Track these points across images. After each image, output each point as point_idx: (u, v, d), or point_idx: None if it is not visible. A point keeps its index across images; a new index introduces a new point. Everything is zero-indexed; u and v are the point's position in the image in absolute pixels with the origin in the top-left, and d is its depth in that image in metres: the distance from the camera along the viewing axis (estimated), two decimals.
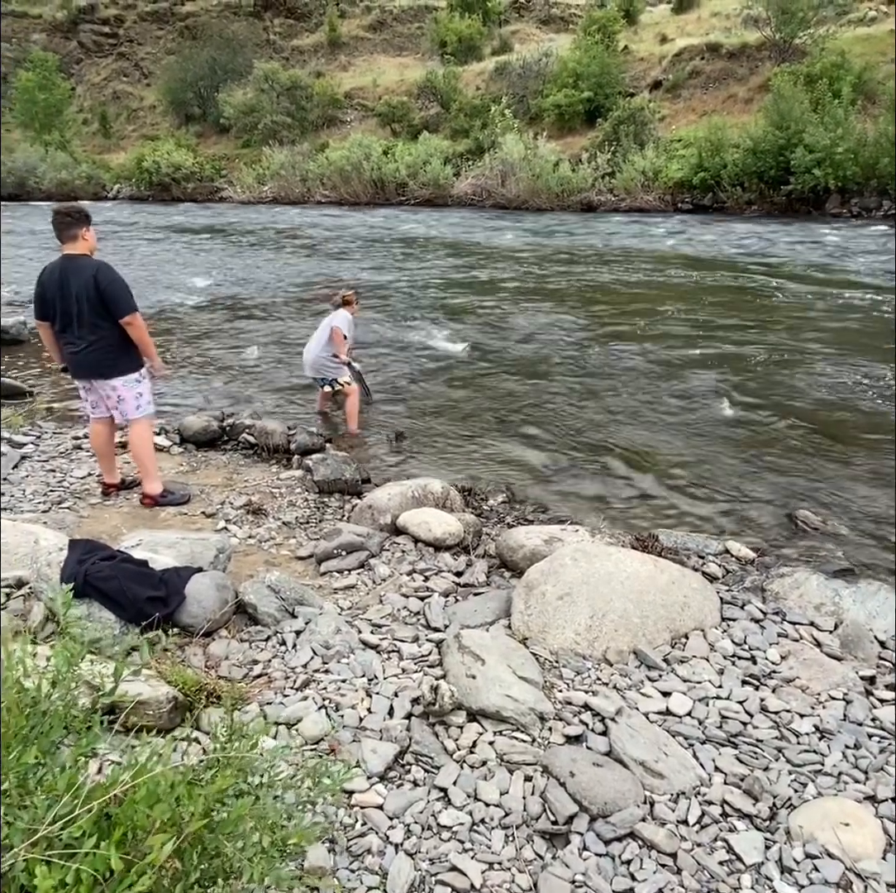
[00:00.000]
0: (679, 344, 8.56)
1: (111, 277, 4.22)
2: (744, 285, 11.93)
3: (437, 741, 2.43)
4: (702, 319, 9.72)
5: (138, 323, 4.31)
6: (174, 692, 2.42)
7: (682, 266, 13.80)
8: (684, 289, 11.79)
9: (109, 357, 4.35)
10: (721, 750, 2.51)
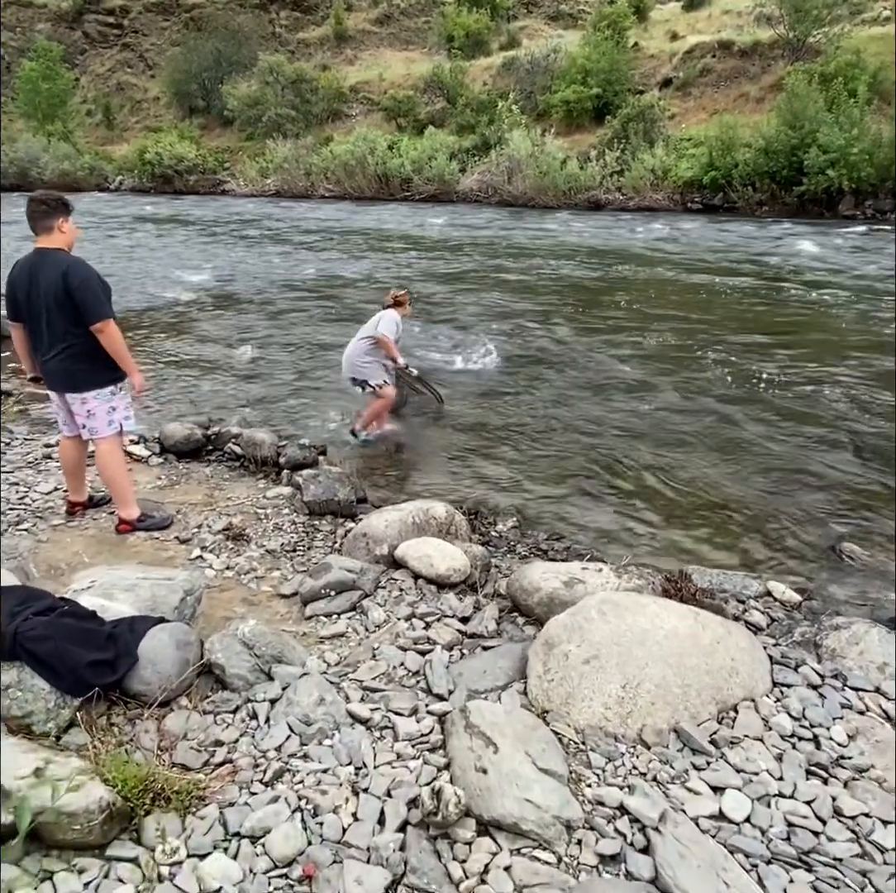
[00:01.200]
0: (701, 359, 8.05)
1: (83, 277, 3.68)
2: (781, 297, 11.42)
3: (440, 864, 1.93)
4: (732, 337, 9.21)
5: (111, 331, 3.76)
6: (111, 796, 1.92)
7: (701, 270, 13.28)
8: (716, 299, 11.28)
9: (82, 367, 3.83)
10: (792, 874, 2.01)
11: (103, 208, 27.04)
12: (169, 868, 1.88)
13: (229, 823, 2.02)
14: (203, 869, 1.86)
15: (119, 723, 2.39)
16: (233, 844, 1.96)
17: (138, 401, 6.37)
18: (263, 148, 33.83)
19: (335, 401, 6.69)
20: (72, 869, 1.84)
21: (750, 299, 10.69)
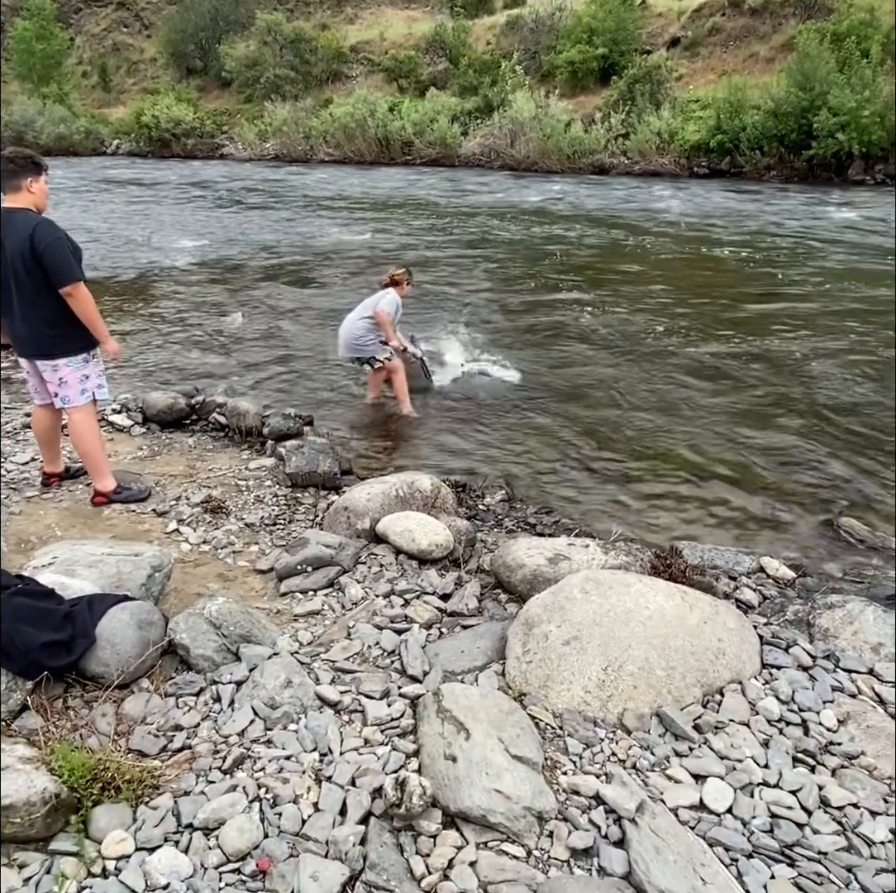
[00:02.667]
0: (704, 330, 7.85)
1: (51, 237, 3.49)
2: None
3: (402, 858, 1.83)
4: (729, 310, 8.99)
5: (81, 295, 3.58)
6: (56, 787, 1.83)
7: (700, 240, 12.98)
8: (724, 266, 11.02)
9: (52, 333, 3.66)
10: (774, 869, 1.91)
11: (99, 172, 26.58)
12: (115, 862, 1.78)
13: (183, 814, 1.92)
14: (151, 864, 1.77)
15: (75, 706, 2.30)
16: (185, 836, 1.86)
17: (116, 367, 6.24)
18: (262, 110, 33.14)
19: (324, 370, 6.54)
20: (11, 865, 1.75)
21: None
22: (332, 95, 33.25)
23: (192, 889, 1.73)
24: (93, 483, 3.96)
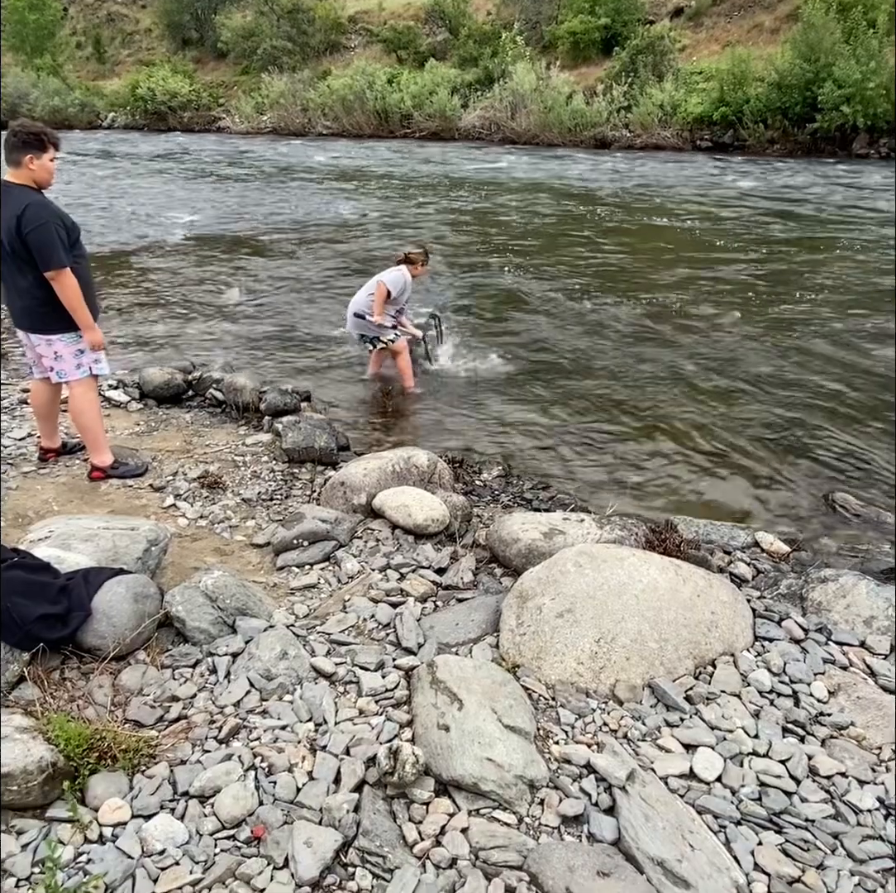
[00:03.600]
0: (704, 302, 7.80)
1: (38, 221, 3.43)
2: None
3: (395, 825, 1.86)
4: (732, 276, 8.92)
5: (63, 281, 3.52)
6: (52, 756, 1.85)
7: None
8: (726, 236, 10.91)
9: (45, 310, 3.63)
10: (762, 836, 1.94)
11: (95, 145, 26.26)
12: (112, 828, 1.81)
13: (179, 782, 1.95)
14: (147, 830, 1.80)
15: (72, 678, 2.32)
16: (180, 804, 1.89)
17: (113, 342, 6.22)
18: (259, 83, 32.62)
19: (322, 345, 6.52)
20: (9, 831, 1.77)
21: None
22: (329, 67, 32.71)
23: (187, 854, 1.76)
24: (90, 458, 3.96)
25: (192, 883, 1.69)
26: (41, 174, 3.55)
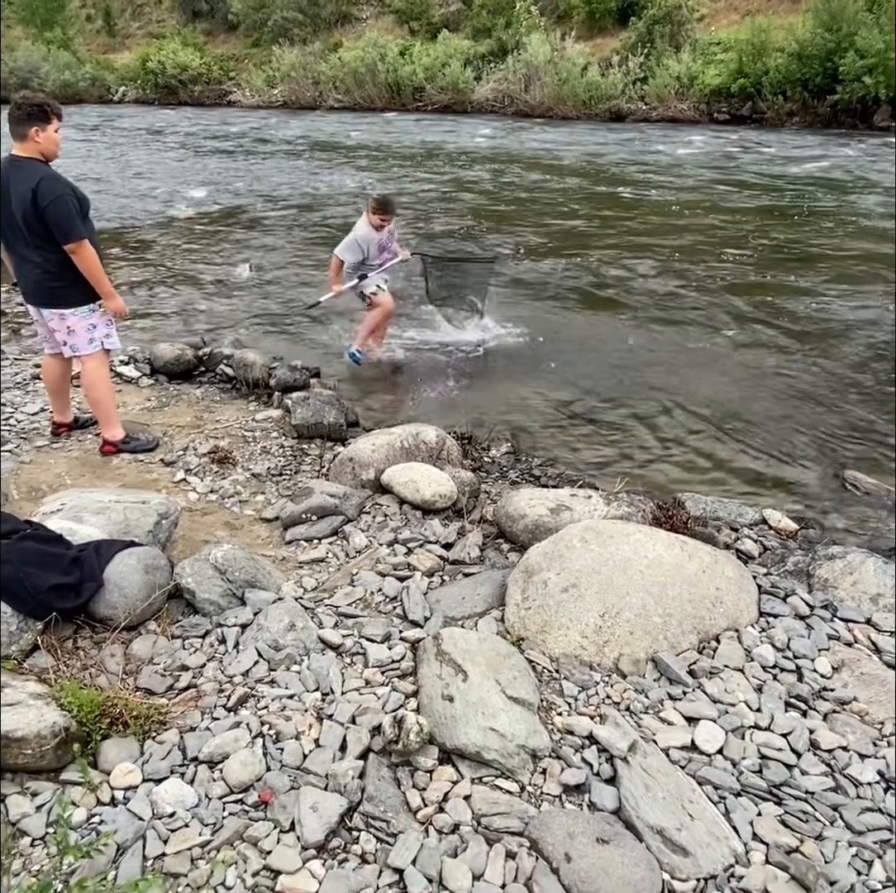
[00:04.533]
0: (714, 276, 7.72)
1: (54, 193, 3.43)
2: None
3: (399, 791, 1.90)
4: (739, 251, 8.81)
5: (84, 252, 3.55)
6: (65, 722, 1.90)
7: None
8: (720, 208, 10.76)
9: (58, 284, 3.66)
10: (761, 807, 1.97)
11: (104, 120, 26.13)
12: (123, 792, 1.86)
13: (188, 748, 2.00)
14: (158, 794, 1.85)
15: (85, 647, 2.37)
16: (190, 769, 1.94)
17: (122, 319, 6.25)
18: (270, 55, 32.24)
19: (332, 321, 6.51)
20: (24, 792, 1.83)
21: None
22: (341, 39, 32.26)
23: (197, 817, 1.81)
24: (102, 433, 4.00)
25: (202, 845, 1.74)
26: (48, 146, 3.54)
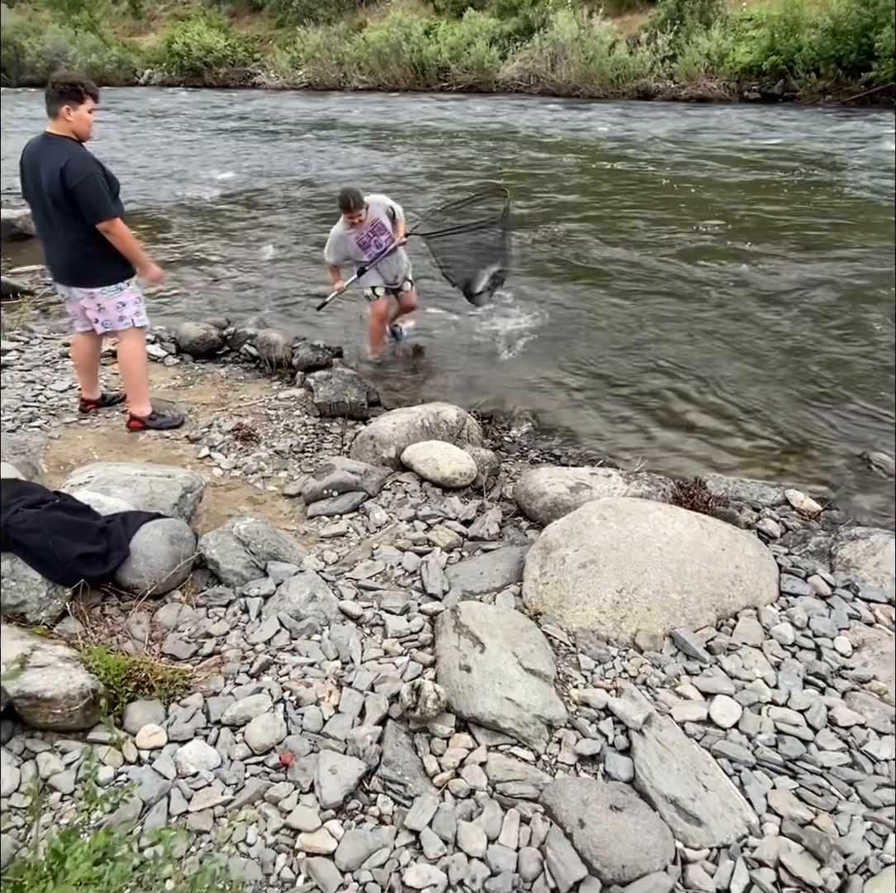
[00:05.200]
0: (740, 253, 7.60)
1: (82, 174, 3.46)
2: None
3: (416, 757, 1.94)
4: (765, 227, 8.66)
5: (118, 230, 3.60)
6: (93, 684, 1.96)
7: None
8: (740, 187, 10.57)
9: (86, 264, 3.71)
10: (776, 781, 1.98)
11: (131, 103, 26.24)
12: (149, 752, 1.92)
13: (211, 712, 2.05)
14: (182, 755, 1.90)
15: (112, 614, 2.43)
16: (213, 732, 1.99)
17: (150, 297, 6.32)
18: (294, 36, 32.13)
19: (353, 302, 6.52)
20: (54, 751, 1.89)
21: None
22: (365, 19, 32.02)
23: (219, 777, 1.86)
24: (130, 408, 4.07)
25: (224, 804, 1.79)
26: (79, 125, 3.56)
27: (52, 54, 36.78)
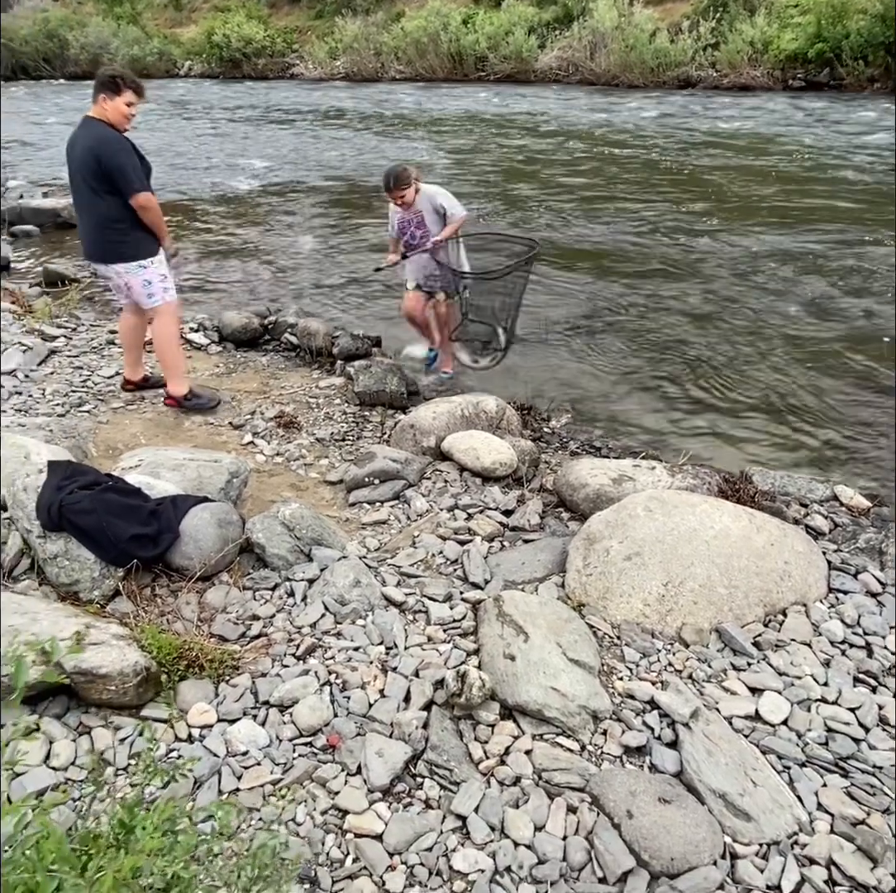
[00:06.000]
0: (784, 242, 7.45)
1: (113, 151, 3.62)
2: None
3: (461, 743, 1.95)
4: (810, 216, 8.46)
5: (149, 204, 3.73)
6: (146, 662, 2.00)
7: None
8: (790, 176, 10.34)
9: (109, 240, 3.84)
10: (826, 779, 1.95)
11: (171, 93, 26.55)
12: (200, 730, 1.95)
13: (260, 692, 2.08)
14: (232, 733, 1.93)
15: (162, 595, 2.48)
16: (261, 712, 2.02)
17: (192, 287, 6.41)
18: (332, 27, 32.18)
19: (392, 291, 6.53)
20: (108, 726, 1.94)
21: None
22: (403, 8, 31.92)
23: (268, 756, 1.89)
24: (167, 386, 4.16)
25: (273, 782, 1.82)
26: (114, 115, 3.70)
27: (95, 47, 37.36)
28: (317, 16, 35.63)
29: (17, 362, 4.60)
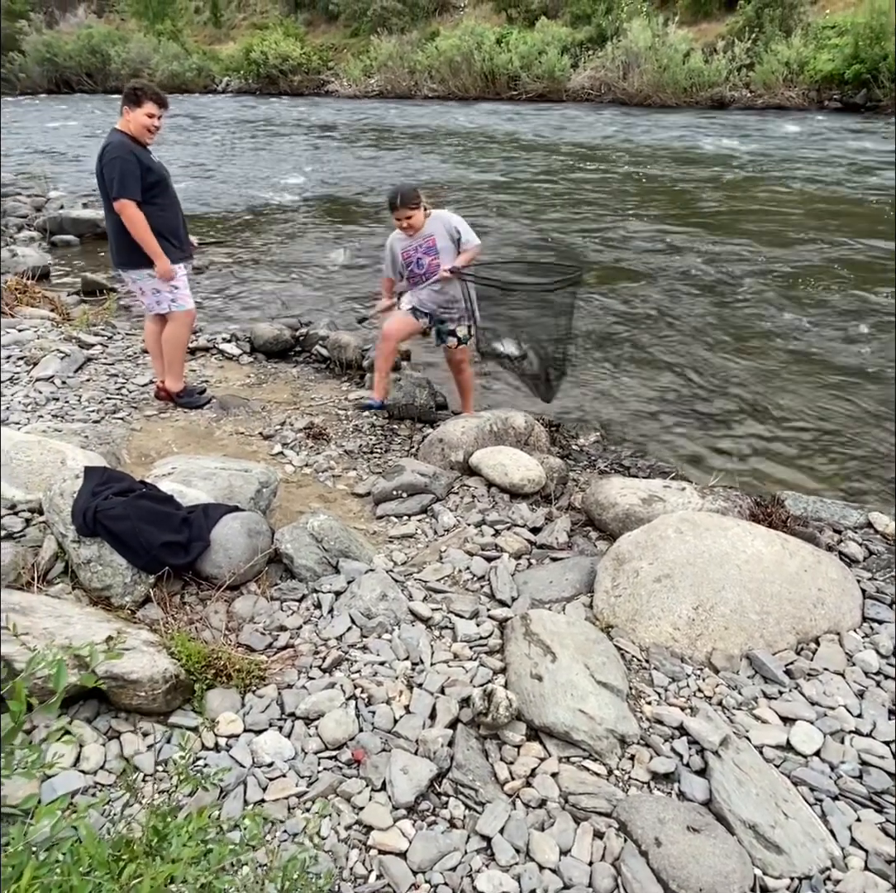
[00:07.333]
0: (818, 263, 7.38)
1: (111, 156, 3.76)
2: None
3: (487, 763, 1.93)
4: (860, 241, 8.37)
5: (127, 212, 3.78)
6: (175, 669, 2.01)
7: None
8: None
9: (122, 246, 3.95)
10: (860, 813, 1.90)
11: (210, 110, 27.08)
12: (226, 739, 1.96)
13: (286, 704, 2.08)
14: (258, 744, 1.93)
15: (191, 603, 2.50)
16: (287, 723, 2.02)
17: (224, 299, 6.48)
18: (368, 45, 32.67)
19: None
20: (136, 732, 1.95)
21: None
22: (438, 28, 32.32)
23: (294, 769, 1.89)
24: (165, 380, 4.33)
25: (298, 795, 1.82)
26: (135, 126, 3.83)
27: (136, 62, 38.31)
28: (352, 34, 36.23)
29: (54, 369, 4.70)
